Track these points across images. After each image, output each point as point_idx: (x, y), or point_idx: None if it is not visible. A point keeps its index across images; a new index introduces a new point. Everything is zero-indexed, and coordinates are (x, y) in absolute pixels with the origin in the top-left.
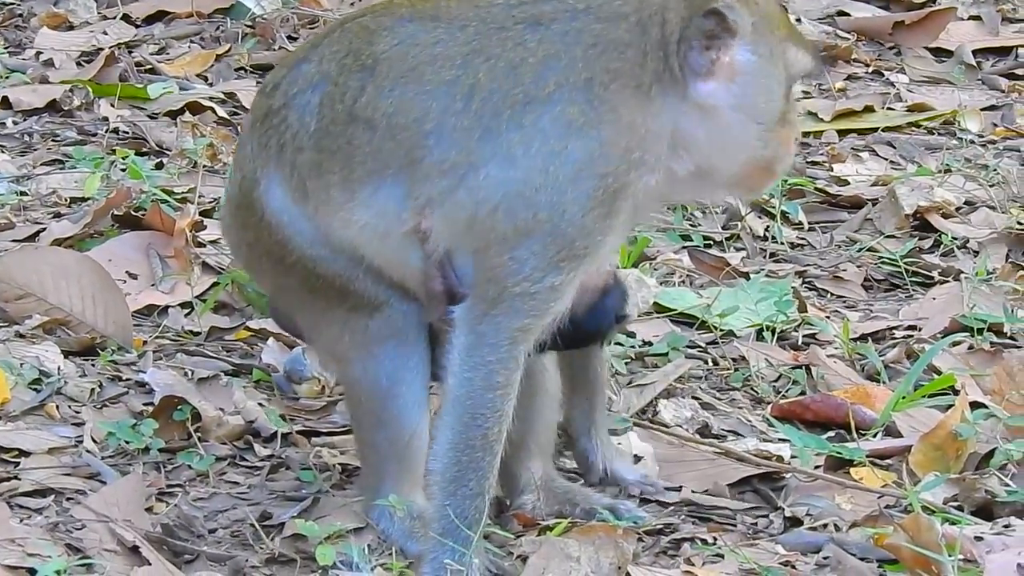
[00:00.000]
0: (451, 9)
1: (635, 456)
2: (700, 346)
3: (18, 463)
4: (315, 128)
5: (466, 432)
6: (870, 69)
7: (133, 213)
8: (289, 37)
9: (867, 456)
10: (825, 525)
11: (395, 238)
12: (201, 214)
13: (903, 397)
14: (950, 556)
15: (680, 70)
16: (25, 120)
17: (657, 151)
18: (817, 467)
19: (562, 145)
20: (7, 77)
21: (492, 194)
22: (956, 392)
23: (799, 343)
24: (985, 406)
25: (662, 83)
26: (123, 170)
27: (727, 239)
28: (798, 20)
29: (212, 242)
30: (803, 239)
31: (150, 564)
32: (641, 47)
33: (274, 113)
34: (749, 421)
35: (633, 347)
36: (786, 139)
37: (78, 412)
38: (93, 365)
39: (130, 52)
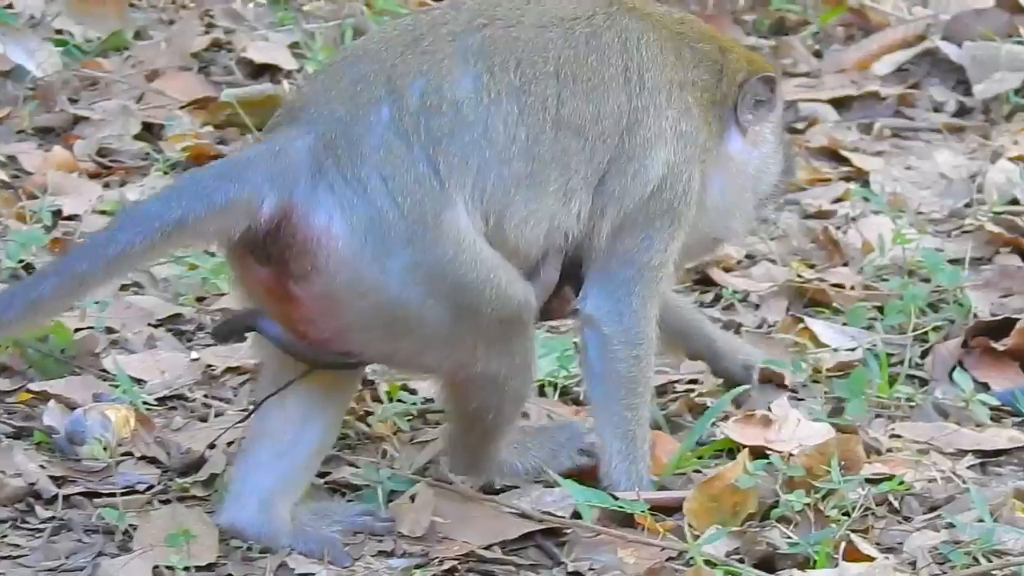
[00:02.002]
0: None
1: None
2: None
3: None
4: (525, 137)
5: (640, 405)
6: None
7: None
8: (71, 99)
9: (649, 509)
10: None
11: (575, 236)
12: None
13: (689, 452)
14: None
15: (739, 123)
16: None
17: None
18: (600, 521)
19: (682, 126)
20: None
21: (653, 177)
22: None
23: (581, 398)
24: (767, 456)
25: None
26: None
27: None
28: None
29: None
30: None
31: None
32: (715, 78)
33: (461, 129)
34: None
35: (415, 404)
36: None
37: None
38: None
39: None
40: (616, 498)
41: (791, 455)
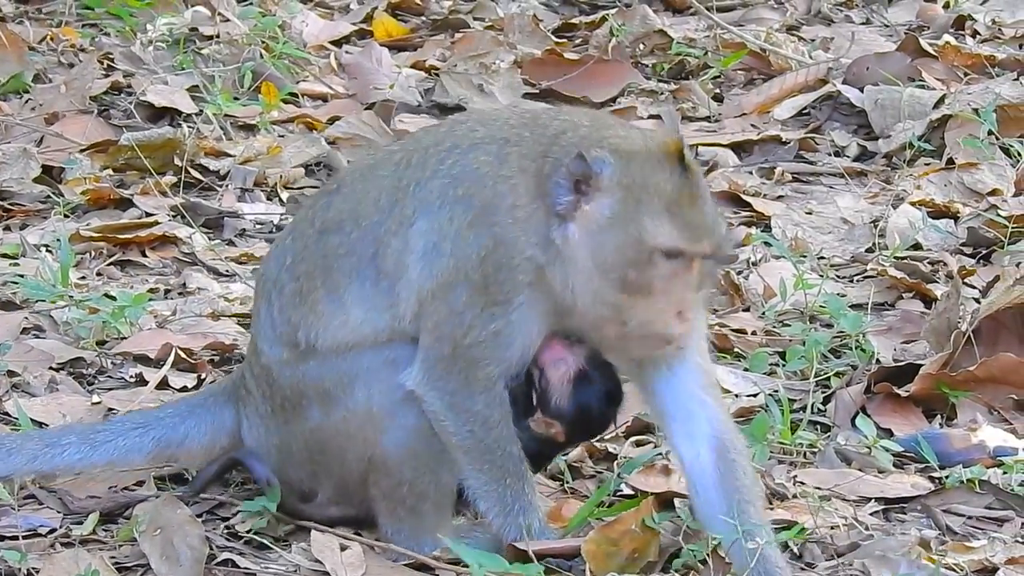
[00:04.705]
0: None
1: None
2: None
3: None
4: (291, 259)
5: (494, 468)
6: None
7: None
8: None
9: (544, 556)
10: None
11: (385, 322)
12: None
13: (597, 506)
14: None
15: (548, 202)
16: None
17: (531, 230)
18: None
19: (467, 191)
20: None
21: (418, 244)
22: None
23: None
24: (672, 506)
25: (535, 206)
26: None
27: None
28: None
29: None
30: None
31: None
32: (520, 155)
33: (260, 280)
34: None
35: None
36: (655, 311)
37: None
38: None
39: None
40: (511, 559)
41: None
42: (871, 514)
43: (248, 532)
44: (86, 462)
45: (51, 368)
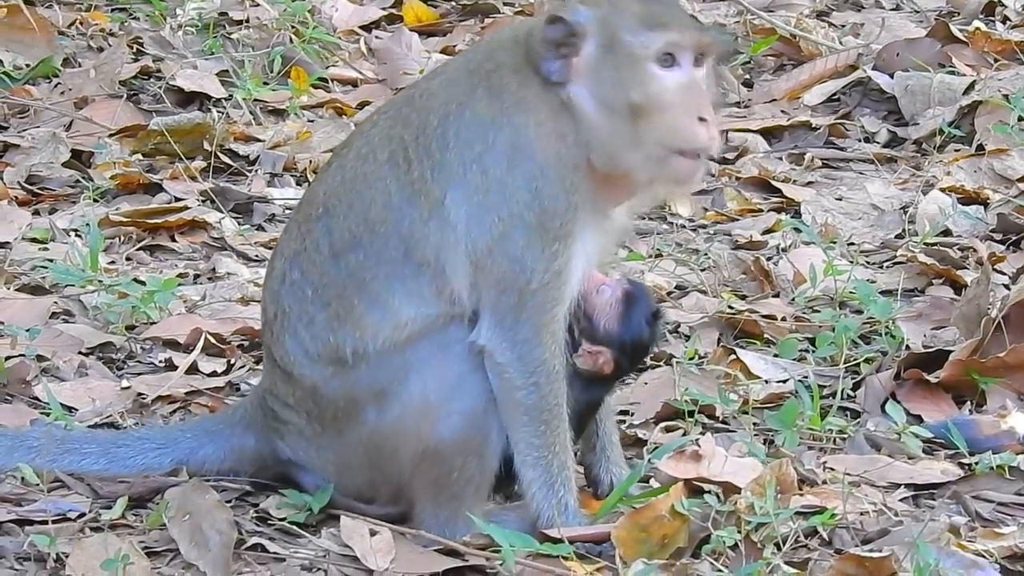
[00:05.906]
0: (359, 129)
1: None
2: None
3: None
4: (312, 291)
5: (548, 433)
6: None
7: None
8: None
9: (574, 541)
10: None
11: (439, 309)
12: None
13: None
14: None
15: (547, 77)
16: None
17: (563, 129)
18: (528, 555)
19: (485, 143)
20: None
21: (459, 215)
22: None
23: None
24: (702, 492)
25: (542, 84)
26: None
27: None
28: None
29: None
30: None
31: None
32: (518, 53)
33: (275, 320)
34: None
35: None
36: (676, 124)
37: None
38: None
39: None
40: (541, 541)
41: (738, 489)
42: (900, 500)
43: (282, 520)
44: (103, 472)
45: (80, 353)
